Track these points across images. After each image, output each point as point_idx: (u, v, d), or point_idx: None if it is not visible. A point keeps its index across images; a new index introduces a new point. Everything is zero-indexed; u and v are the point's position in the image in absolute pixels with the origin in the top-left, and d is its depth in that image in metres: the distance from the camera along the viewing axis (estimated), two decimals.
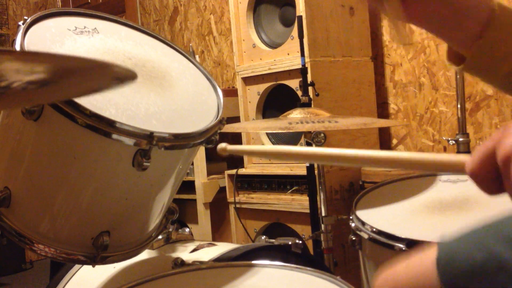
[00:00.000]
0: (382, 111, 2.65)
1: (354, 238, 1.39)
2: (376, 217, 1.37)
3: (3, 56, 0.47)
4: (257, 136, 2.48)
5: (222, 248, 1.29)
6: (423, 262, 0.67)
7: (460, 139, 1.91)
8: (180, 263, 1.16)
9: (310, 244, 2.02)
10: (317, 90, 2.07)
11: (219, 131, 1.10)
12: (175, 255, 1.29)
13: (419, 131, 2.56)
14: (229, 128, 1.61)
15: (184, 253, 1.30)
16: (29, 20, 1.02)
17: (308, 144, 1.91)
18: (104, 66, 0.53)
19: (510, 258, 0.59)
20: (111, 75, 0.56)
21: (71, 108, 0.92)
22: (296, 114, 1.68)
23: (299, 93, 1.99)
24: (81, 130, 0.93)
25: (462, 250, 0.64)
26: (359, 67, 2.45)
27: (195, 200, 2.68)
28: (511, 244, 0.60)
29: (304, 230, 2.23)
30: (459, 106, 1.93)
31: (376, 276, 0.74)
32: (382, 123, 2.30)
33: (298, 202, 2.26)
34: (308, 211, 1.99)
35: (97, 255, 1.06)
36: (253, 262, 1.12)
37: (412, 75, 2.57)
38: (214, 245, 1.35)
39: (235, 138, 2.79)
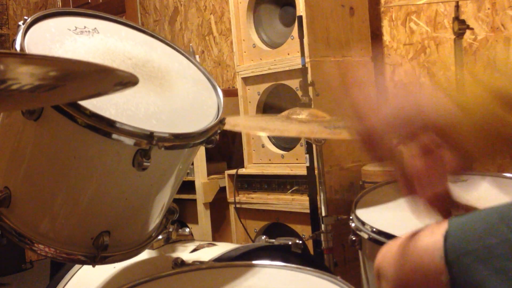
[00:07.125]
0: None
1: (354, 238, 1.38)
2: (376, 217, 1.37)
3: (17, 59, 0.47)
4: (257, 135, 2.48)
5: (222, 248, 1.29)
6: (434, 234, 0.67)
7: None
8: (180, 263, 1.16)
9: (310, 244, 2.02)
10: (317, 90, 2.07)
11: (219, 131, 1.10)
12: (175, 255, 1.29)
13: None
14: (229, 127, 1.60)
15: (184, 253, 1.30)
16: (29, 20, 1.02)
17: (308, 143, 1.91)
18: (108, 71, 0.53)
19: None
20: (115, 80, 0.57)
21: (71, 108, 0.92)
22: (296, 116, 1.66)
23: (299, 93, 1.99)
24: (81, 130, 0.93)
25: (472, 231, 0.64)
26: (359, 67, 2.44)
27: (195, 200, 2.68)
28: None
29: (304, 230, 2.23)
30: None
31: (386, 244, 0.75)
32: None
33: (298, 202, 2.26)
34: (308, 211, 1.99)
35: (97, 255, 1.06)
36: (253, 262, 1.12)
37: (412, 75, 2.57)
38: (214, 245, 1.35)
39: (235, 137, 2.80)
